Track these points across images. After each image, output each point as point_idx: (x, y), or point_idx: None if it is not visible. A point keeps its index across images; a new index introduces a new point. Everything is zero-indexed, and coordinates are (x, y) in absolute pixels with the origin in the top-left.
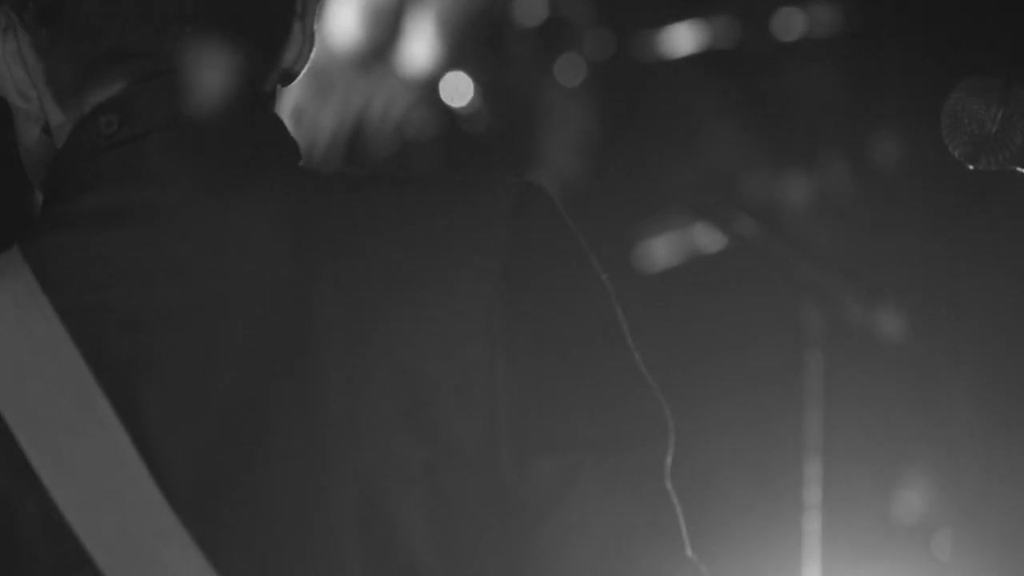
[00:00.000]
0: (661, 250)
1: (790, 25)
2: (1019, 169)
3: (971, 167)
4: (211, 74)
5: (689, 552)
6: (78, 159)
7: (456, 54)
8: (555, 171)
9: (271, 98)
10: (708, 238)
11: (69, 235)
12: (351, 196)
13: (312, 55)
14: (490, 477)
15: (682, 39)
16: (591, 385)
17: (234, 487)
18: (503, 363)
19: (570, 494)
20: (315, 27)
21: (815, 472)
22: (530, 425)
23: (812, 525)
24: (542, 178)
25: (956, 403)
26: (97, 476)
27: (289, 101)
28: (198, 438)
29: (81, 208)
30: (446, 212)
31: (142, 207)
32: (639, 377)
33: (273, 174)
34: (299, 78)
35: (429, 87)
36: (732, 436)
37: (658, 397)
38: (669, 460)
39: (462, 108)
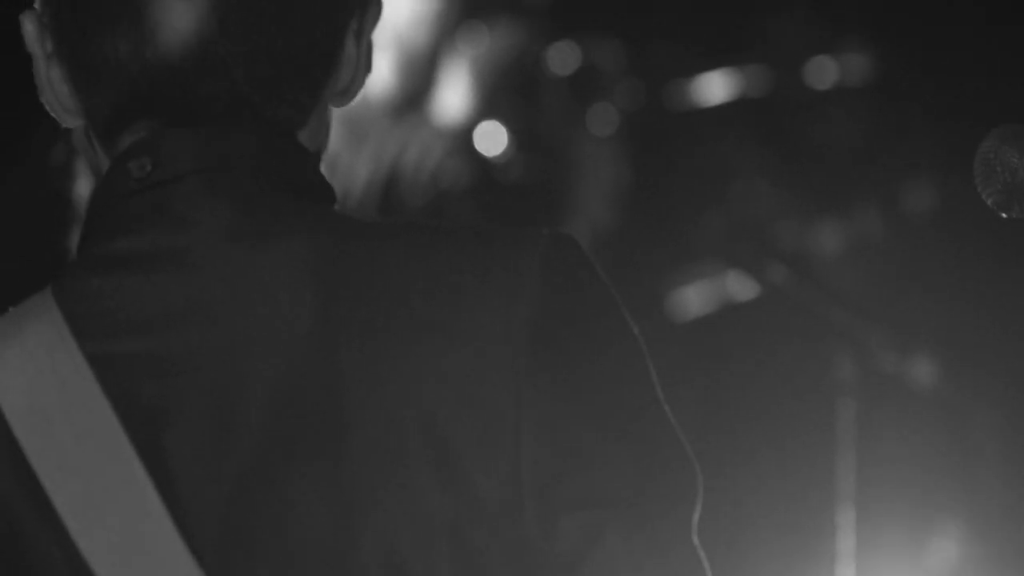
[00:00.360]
0: (693, 298)
1: (822, 74)
2: None
3: (1004, 215)
4: (244, 117)
5: None
6: (111, 201)
7: (489, 103)
8: (587, 220)
9: (321, 126)
10: (740, 286)
11: (101, 278)
12: (383, 243)
13: (368, 76)
14: (515, 533)
15: (714, 88)
16: (618, 441)
17: (258, 538)
18: (529, 418)
19: (595, 552)
20: (372, 44)
21: (848, 520)
22: (555, 481)
23: (846, 572)
24: (574, 227)
25: (989, 450)
26: (123, 526)
27: None
28: (222, 488)
29: (113, 251)
30: (476, 263)
31: (173, 252)
32: (668, 432)
33: (305, 219)
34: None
35: (463, 136)
36: (764, 484)
37: (687, 452)
38: (697, 516)
39: (495, 157)
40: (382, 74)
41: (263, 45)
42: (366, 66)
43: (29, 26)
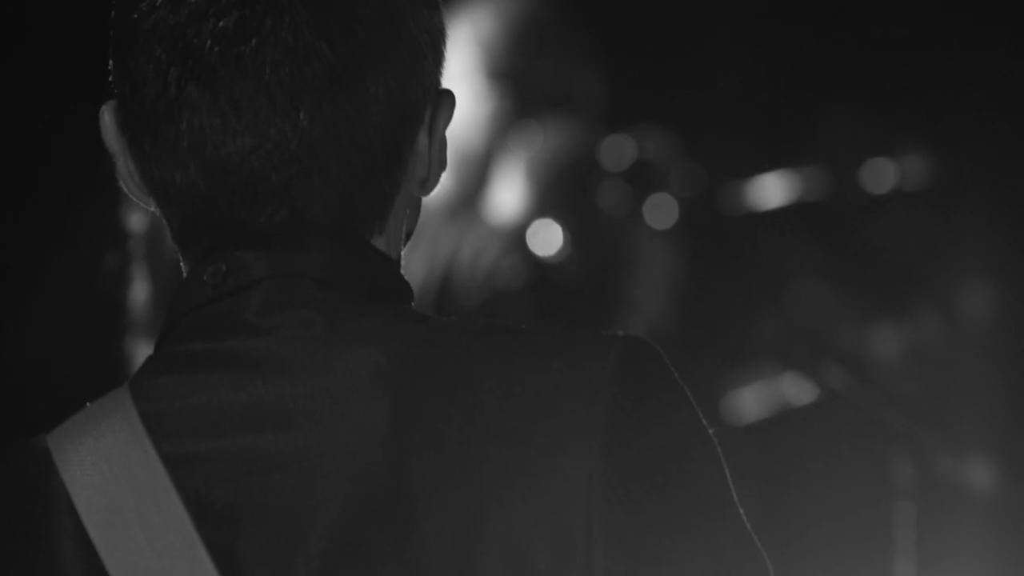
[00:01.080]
0: (750, 401)
1: (879, 177)
2: None
3: None
4: (310, 234)
5: None
6: (188, 306)
7: (544, 201)
8: (644, 318)
9: (399, 227)
10: (798, 389)
11: (177, 380)
12: (457, 347)
13: (443, 171)
14: None
15: (772, 190)
16: (692, 547)
17: None
18: (602, 527)
19: None
20: (446, 140)
21: None
22: None
23: None
24: (630, 325)
25: None
26: None
27: None
28: None
29: (189, 354)
30: (551, 369)
31: (248, 356)
32: (742, 536)
33: (380, 323)
34: None
35: (517, 235)
36: None
37: (761, 556)
38: None
39: (551, 256)
40: None
41: (317, 172)
42: (440, 161)
43: (108, 119)
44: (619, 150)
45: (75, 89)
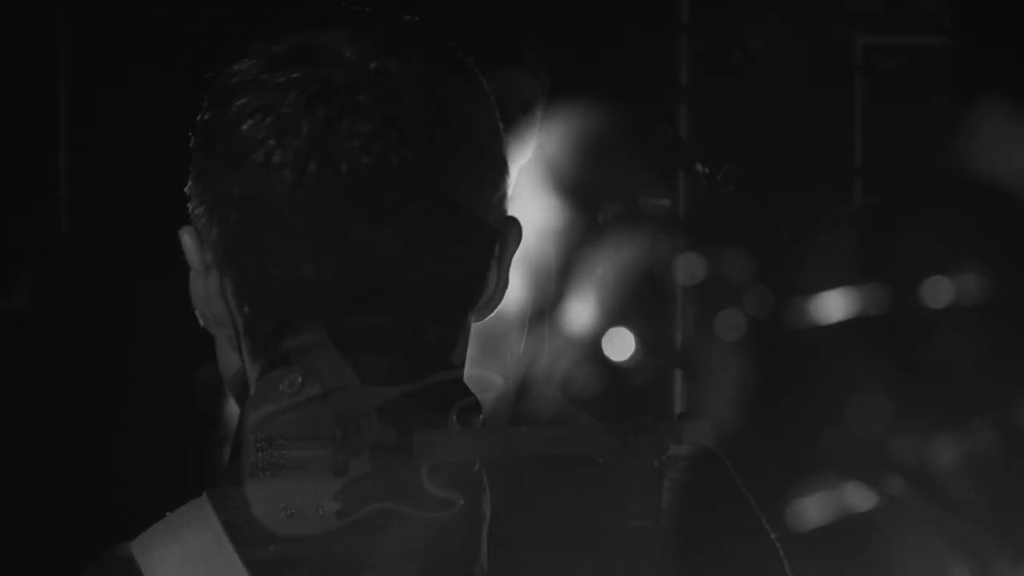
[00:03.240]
0: (812, 509)
1: (939, 293)
2: None
3: None
4: (398, 345)
5: None
6: (262, 415)
7: (618, 312)
8: (712, 424)
9: (466, 343)
10: (859, 497)
11: (256, 487)
12: (527, 459)
13: (505, 294)
14: None
15: (837, 304)
16: None
17: None
18: None
19: None
20: (510, 266)
21: None
22: None
23: None
24: (696, 429)
25: None
26: None
27: None
28: None
29: (267, 461)
30: (617, 474)
31: (326, 464)
32: None
33: (451, 434)
34: None
35: (592, 344)
36: None
37: None
38: None
39: (623, 362)
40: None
41: (432, 276)
42: (504, 285)
43: (188, 240)
44: (692, 267)
45: (171, 203)
